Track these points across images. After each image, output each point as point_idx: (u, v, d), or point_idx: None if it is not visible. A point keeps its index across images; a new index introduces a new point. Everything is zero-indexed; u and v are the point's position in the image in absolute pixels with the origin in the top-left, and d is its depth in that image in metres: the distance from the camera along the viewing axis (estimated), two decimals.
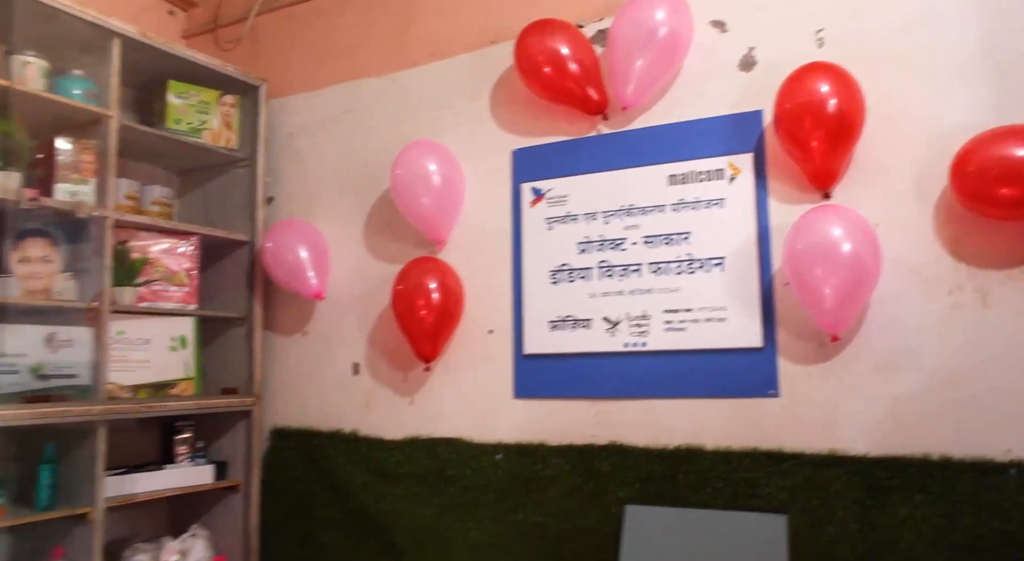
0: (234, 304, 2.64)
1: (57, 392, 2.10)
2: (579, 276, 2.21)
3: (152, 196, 2.55)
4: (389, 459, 2.38)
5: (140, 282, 2.36)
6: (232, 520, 2.59)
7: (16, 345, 2.04)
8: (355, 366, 2.53)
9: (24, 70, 2.10)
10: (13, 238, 2.09)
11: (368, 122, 2.60)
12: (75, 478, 2.14)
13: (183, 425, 2.53)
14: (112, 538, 2.20)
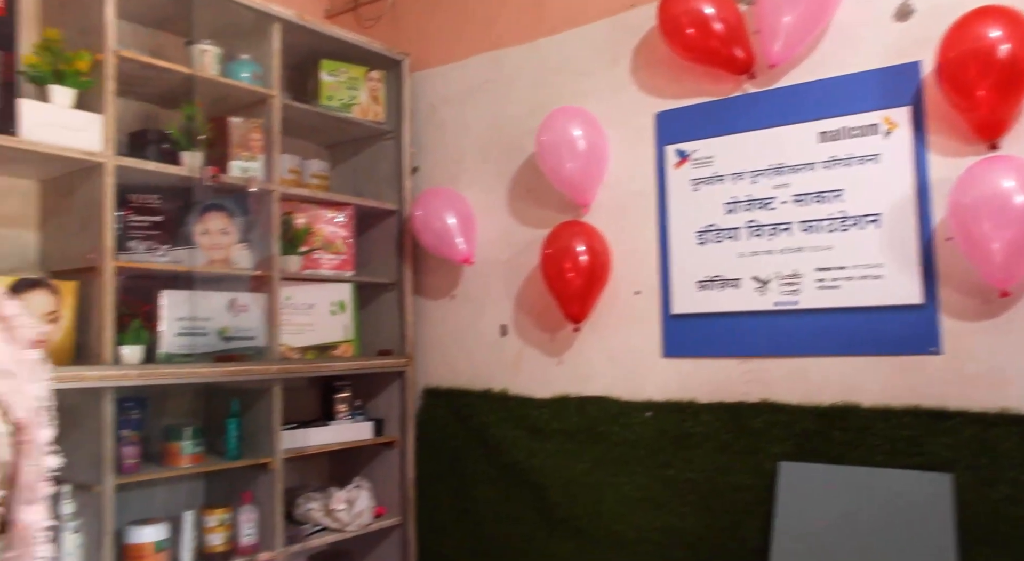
0: (385, 270, 2.79)
1: (239, 352, 2.30)
2: (727, 236, 2.22)
3: (311, 170, 2.71)
4: (539, 417, 2.48)
5: (303, 251, 2.53)
6: (389, 474, 2.76)
7: (205, 310, 2.24)
8: (503, 328, 2.63)
9: (202, 58, 2.27)
10: (197, 212, 2.28)
11: (509, 91, 2.67)
12: (256, 431, 2.34)
13: (342, 384, 2.71)
14: (286, 486, 2.39)
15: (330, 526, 2.57)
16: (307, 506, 2.59)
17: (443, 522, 2.68)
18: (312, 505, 2.58)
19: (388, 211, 2.77)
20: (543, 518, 2.45)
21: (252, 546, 2.29)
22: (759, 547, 2.07)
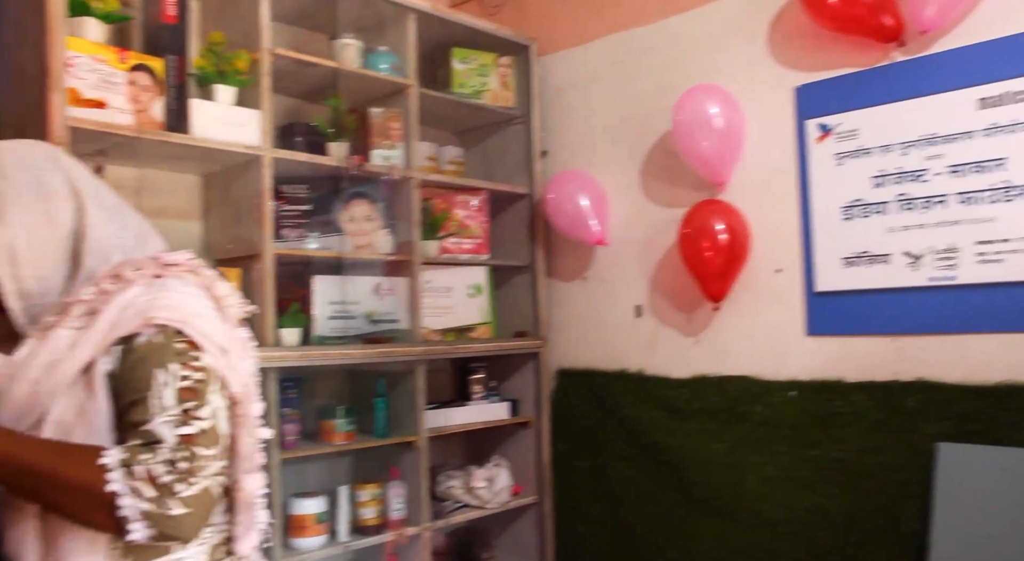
0: (517, 253, 2.84)
1: (386, 335, 2.39)
2: (874, 211, 2.15)
3: (447, 156, 2.78)
4: (678, 396, 2.48)
5: (442, 235, 2.61)
6: (525, 453, 2.82)
7: (354, 294, 2.34)
8: (637, 308, 2.64)
9: (344, 51, 2.36)
10: (343, 200, 2.37)
11: (638, 71, 2.66)
12: (401, 411, 2.44)
13: (477, 366, 2.78)
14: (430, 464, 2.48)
15: (470, 503, 2.65)
16: (448, 483, 2.67)
17: (579, 501, 2.72)
18: (453, 482, 2.67)
19: (519, 195, 2.81)
20: (682, 497, 2.45)
21: (401, 520, 2.39)
22: (915, 530, 2.01)
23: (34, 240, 1.09)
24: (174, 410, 1.02)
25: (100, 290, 1.09)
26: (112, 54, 1.86)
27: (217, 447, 1.05)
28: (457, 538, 2.83)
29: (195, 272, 1.16)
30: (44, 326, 1.09)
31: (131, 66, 1.90)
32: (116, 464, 0.97)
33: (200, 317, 1.09)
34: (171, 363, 1.04)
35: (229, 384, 1.10)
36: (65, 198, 1.12)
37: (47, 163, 1.15)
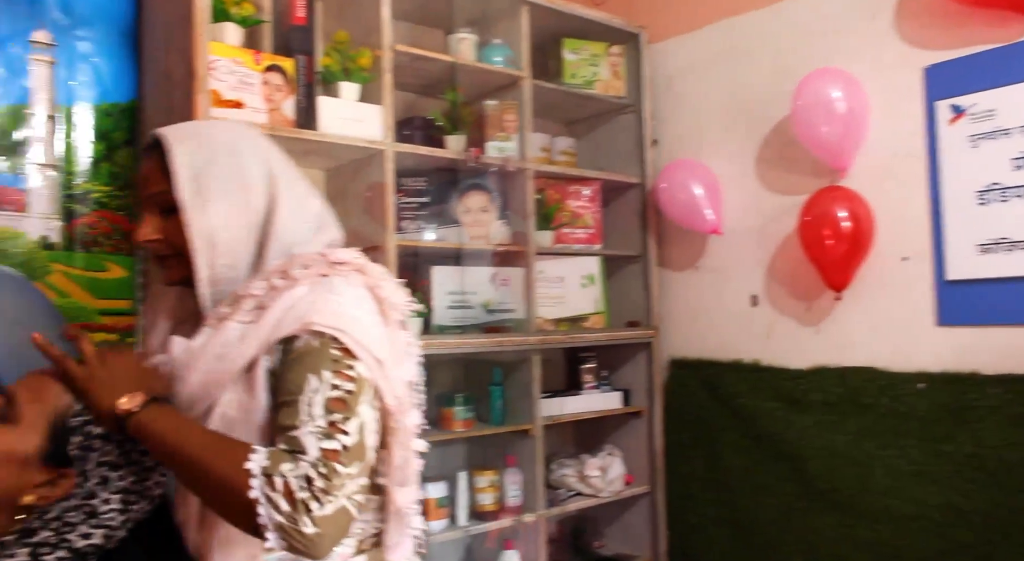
0: (629, 243, 2.83)
1: (501, 324, 2.43)
2: (1014, 195, 2.05)
3: (560, 147, 2.80)
4: (796, 387, 2.43)
5: (555, 226, 2.63)
6: (637, 443, 2.82)
7: (471, 284, 2.38)
8: (753, 298, 2.60)
9: (460, 46, 2.40)
10: (459, 192, 2.42)
11: (753, 56, 2.60)
12: (516, 399, 2.47)
13: (588, 355, 2.79)
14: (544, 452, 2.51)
15: (584, 491, 2.67)
16: (561, 471, 2.70)
17: (693, 491, 2.70)
18: (566, 471, 2.69)
19: (630, 184, 2.81)
20: (802, 490, 2.40)
21: (517, 507, 2.43)
22: None
23: (231, 228, 1.11)
24: (320, 421, 1.00)
25: (270, 285, 1.10)
26: (248, 56, 1.95)
27: (360, 463, 1.02)
28: (570, 526, 2.86)
29: (361, 271, 1.16)
30: (219, 316, 1.11)
31: (265, 67, 1.99)
32: (258, 471, 0.96)
33: (358, 324, 1.07)
34: (325, 370, 1.03)
35: (383, 395, 1.08)
36: (263, 186, 1.14)
37: (251, 149, 1.16)
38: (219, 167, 1.12)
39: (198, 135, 1.16)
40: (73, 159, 2.07)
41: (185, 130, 1.18)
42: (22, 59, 2.00)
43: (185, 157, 1.11)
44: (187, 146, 1.12)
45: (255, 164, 1.15)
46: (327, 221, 1.23)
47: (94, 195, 2.09)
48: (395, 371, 1.11)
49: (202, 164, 1.11)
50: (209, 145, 1.14)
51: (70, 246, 2.05)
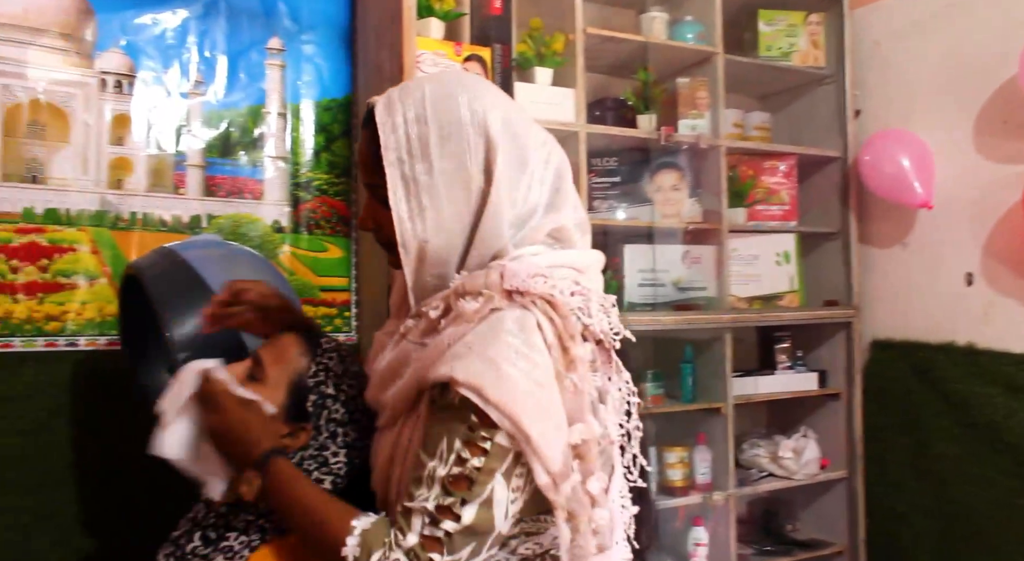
0: (827, 219, 2.72)
1: (692, 302, 2.43)
2: None
3: (753, 122, 2.74)
4: (1018, 373, 2.25)
5: (749, 203, 2.58)
6: (833, 426, 2.72)
7: (662, 262, 2.41)
8: (968, 276, 2.42)
9: (651, 25, 2.41)
10: (650, 171, 2.44)
11: (973, 15, 2.40)
12: (707, 377, 2.47)
13: (782, 335, 2.72)
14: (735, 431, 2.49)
15: (776, 473, 2.62)
16: (752, 452, 2.67)
17: (896, 479, 2.57)
18: (758, 451, 2.66)
19: (830, 158, 2.69)
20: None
21: (706, 484, 2.44)
22: None
23: (443, 234, 1.02)
24: (432, 502, 0.93)
25: (445, 307, 1.02)
26: (449, 48, 2.08)
27: (476, 541, 0.94)
28: (760, 507, 2.83)
29: (551, 301, 0.99)
30: (402, 331, 1.07)
31: (465, 57, 2.11)
32: (355, 543, 0.94)
33: (509, 385, 0.93)
34: (456, 437, 0.94)
35: (534, 471, 0.93)
36: (479, 174, 1.02)
37: (472, 121, 1.02)
38: (433, 157, 1.01)
39: (410, 102, 1.04)
40: (299, 151, 2.31)
41: (396, 103, 1.05)
42: (260, 64, 2.25)
43: (392, 150, 1.02)
44: (397, 132, 1.03)
45: (474, 143, 1.02)
46: (557, 203, 1.08)
47: (316, 183, 2.32)
48: (554, 438, 0.94)
49: (416, 152, 1.02)
50: (420, 121, 1.03)
51: (297, 229, 2.29)
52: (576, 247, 1.11)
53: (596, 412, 1.00)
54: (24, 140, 2.00)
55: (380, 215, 1.08)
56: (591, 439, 0.96)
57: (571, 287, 1.03)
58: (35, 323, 1.97)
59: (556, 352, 0.97)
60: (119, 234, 2.08)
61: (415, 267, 1.03)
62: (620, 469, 1.05)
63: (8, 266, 1.95)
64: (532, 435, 0.91)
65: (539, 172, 1.06)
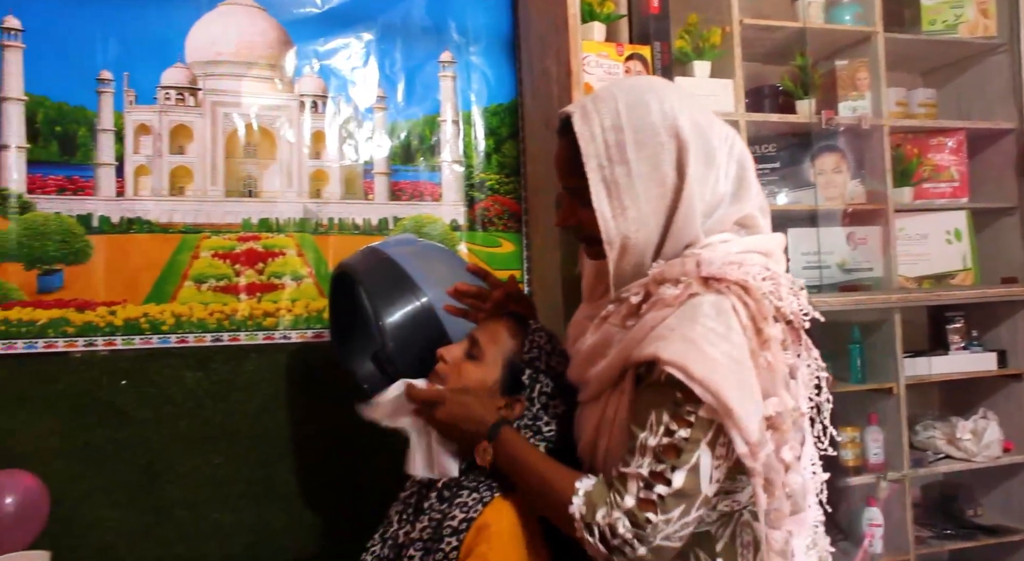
0: (1001, 194, 2.63)
1: (859, 283, 2.43)
2: None
3: (917, 99, 2.69)
4: None
5: (915, 182, 2.55)
6: (1017, 408, 2.61)
7: (826, 244, 2.42)
8: None
9: (808, 9, 2.43)
10: (811, 155, 2.46)
11: None
12: (877, 358, 2.46)
13: (954, 314, 2.65)
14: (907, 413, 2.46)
15: (953, 455, 2.56)
16: (927, 433, 2.62)
17: None
18: (932, 432, 2.61)
19: (1003, 131, 2.60)
20: None
21: (880, 464, 2.43)
22: None
23: (644, 231, 1.11)
24: (646, 468, 1.03)
25: (645, 293, 1.12)
26: (611, 49, 2.19)
27: (685, 504, 1.03)
28: (937, 490, 2.77)
29: (745, 286, 1.07)
30: (603, 315, 1.17)
31: (626, 57, 2.21)
32: (578, 517, 1.07)
33: (710, 364, 1.01)
34: (664, 412, 1.04)
35: (733, 441, 1.02)
36: (672, 173, 1.11)
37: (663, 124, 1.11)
38: (631, 161, 1.11)
39: (605, 111, 1.13)
40: (472, 154, 2.49)
41: (591, 113, 1.15)
42: (434, 77, 2.45)
43: (592, 157, 1.12)
44: (596, 140, 1.12)
45: (667, 144, 1.11)
46: (741, 192, 1.17)
47: (488, 183, 2.50)
48: (752, 411, 1.02)
49: (614, 157, 1.11)
50: (617, 129, 1.12)
51: (472, 227, 2.48)
52: (761, 232, 1.20)
53: (788, 387, 1.08)
54: (241, 160, 2.29)
55: (580, 214, 1.19)
56: (784, 411, 1.05)
57: (762, 272, 1.10)
58: (255, 319, 2.25)
59: (750, 333, 1.06)
60: (319, 238, 2.33)
61: (617, 259, 1.13)
62: (811, 439, 1.15)
63: (233, 270, 2.24)
64: (732, 408, 1.00)
65: (724, 164, 1.15)
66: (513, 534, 1.19)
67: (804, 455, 1.13)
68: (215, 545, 2.15)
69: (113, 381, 2.12)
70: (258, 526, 2.18)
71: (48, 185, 2.13)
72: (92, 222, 2.15)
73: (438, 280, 1.77)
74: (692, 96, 1.23)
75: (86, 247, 2.14)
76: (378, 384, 1.99)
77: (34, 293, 2.09)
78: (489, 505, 1.20)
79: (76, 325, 2.11)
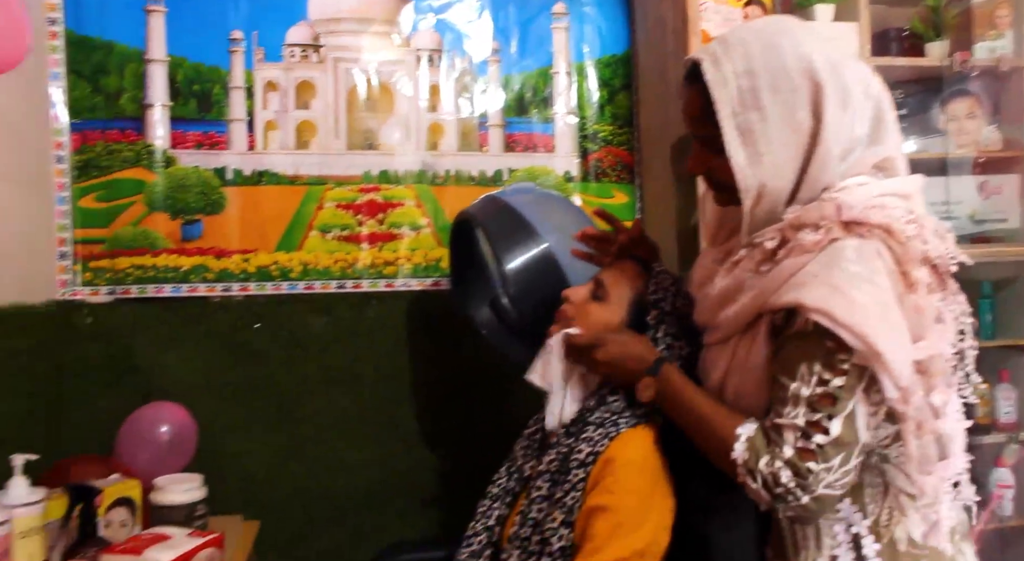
0: None
1: (991, 234, 2.32)
2: None
3: None
4: None
5: None
6: None
7: (956, 194, 2.32)
8: None
9: None
10: (941, 100, 2.35)
11: None
12: (1010, 313, 2.35)
13: None
14: None
15: None
16: None
17: None
18: None
19: None
20: None
21: (1011, 424, 2.34)
22: None
23: (779, 178, 1.10)
24: (802, 418, 1.04)
25: (782, 238, 1.09)
26: None
27: (844, 453, 1.04)
28: None
29: (888, 230, 1.04)
30: (734, 260, 1.16)
31: (744, 2, 2.16)
32: (740, 463, 1.07)
33: (857, 309, 1.00)
34: (815, 362, 1.04)
35: (883, 387, 1.02)
36: (808, 116, 1.09)
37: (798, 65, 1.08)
38: (765, 106, 1.09)
39: (736, 56, 1.11)
40: (585, 106, 2.50)
41: (722, 58, 1.12)
42: (547, 29, 2.46)
43: (725, 104, 1.10)
44: (728, 86, 1.10)
45: (802, 87, 1.08)
46: (878, 134, 1.13)
47: (601, 134, 2.50)
48: (902, 355, 1.01)
49: (748, 103, 1.09)
50: (750, 74, 1.09)
51: (585, 178, 2.49)
52: (899, 174, 1.16)
53: (937, 331, 1.05)
54: (361, 114, 2.37)
55: (711, 161, 1.17)
56: (934, 355, 1.04)
57: (905, 215, 1.07)
58: (376, 268, 2.35)
59: (896, 276, 1.04)
60: (436, 189, 2.40)
61: (752, 206, 1.12)
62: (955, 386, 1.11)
63: (355, 220, 2.34)
64: (883, 353, 0.99)
65: (861, 106, 1.12)
66: (639, 468, 1.22)
67: (951, 401, 1.09)
68: (343, 480, 2.28)
69: (248, 324, 2.26)
70: (382, 464, 2.30)
71: (188, 140, 2.27)
72: (226, 175, 2.29)
73: (557, 226, 1.81)
74: (823, 36, 1.18)
75: (221, 199, 2.28)
76: (495, 330, 2.07)
77: (178, 241, 2.25)
78: (615, 439, 1.24)
79: (214, 271, 2.26)
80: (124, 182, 2.22)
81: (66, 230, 2.19)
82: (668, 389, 1.21)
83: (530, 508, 1.29)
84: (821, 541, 1.14)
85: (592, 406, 1.31)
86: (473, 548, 1.40)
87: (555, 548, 1.23)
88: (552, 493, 1.27)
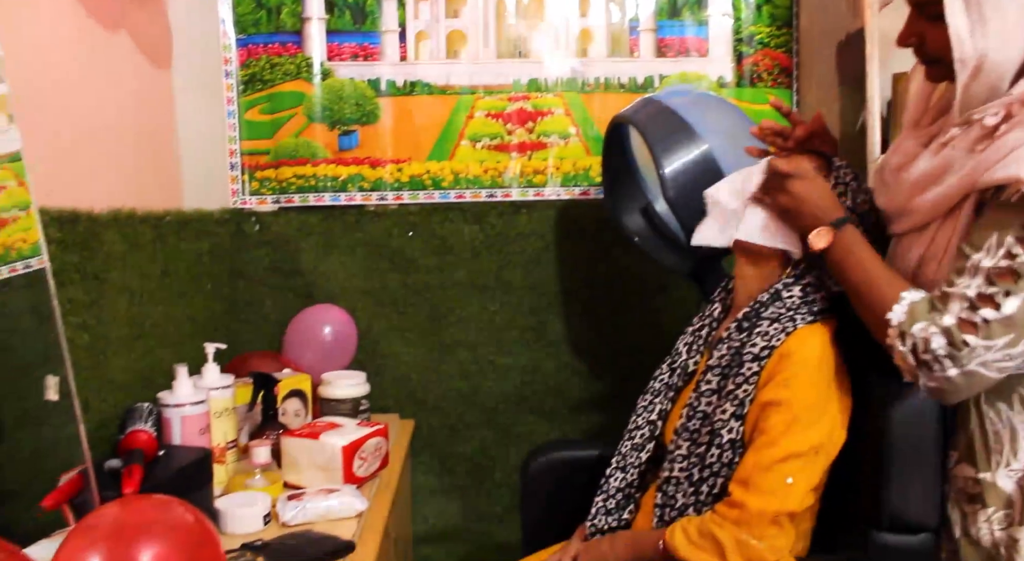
0: None
1: None
2: None
3: None
4: None
5: None
6: None
7: None
8: None
9: None
10: None
11: None
12: None
13: None
14: None
15: None
16: None
17: None
18: None
19: None
20: None
21: None
22: None
23: (1004, 49, 1.00)
24: (974, 289, 0.98)
25: (1006, 113, 1.00)
26: None
27: (1010, 335, 0.96)
28: None
29: None
30: (944, 140, 1.07)
31: None
32: (895, 324, 1.03)
33: None
34: (1008, 233, 0.96)
35: None
36: None
37: None
38: None
39: None
40: (740, 6, 2.37)
41: None
42: None
43: None
44: None
45: None
46: None
47: (758, 36, 2.38)
48: None
49: None
50: None
51: (740, 83, 2.39)
52: None
53: None
54: (510, 22, 2.35)
55: (926, 31, 1.07)
56: None
57: None
58: (526, 176, 2.36)
59: None
60: (586, 97, 2.36)
61: (968, 80, 1.02)
62: None
63: (505, 129, 2.35)
64: None
65: None
66: (817, 363, 1.20)
67: None
68: (491, 382, 2.37)
69: (402, 232, 2.34)
70: (530, 367, 2.36)
71: (343, 52, 2.32)
72: (380, 86, 2.33)
73: (716, 127, 1.75)
74: None
75: (376, 109, 2.33)
76: (647, 237, 2.05)
77: (336, 151, 2.33)
78: (792, 335, 1.21)
79: (370, 180, 2.34)
80: (285, 94, 2.31)
81: (235, 142, 2.31)
82: (844, 241, 1.16)
83: (699, 401, 1.30)
84: (1017, 444, 1.06)
85: (766, 301, 1.28)
86: (635, 441, 1.43)
87: (724, 440, 1.23)
88: (722, 386, 1.27)
